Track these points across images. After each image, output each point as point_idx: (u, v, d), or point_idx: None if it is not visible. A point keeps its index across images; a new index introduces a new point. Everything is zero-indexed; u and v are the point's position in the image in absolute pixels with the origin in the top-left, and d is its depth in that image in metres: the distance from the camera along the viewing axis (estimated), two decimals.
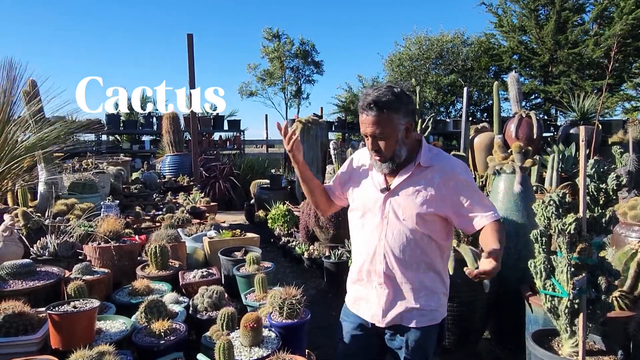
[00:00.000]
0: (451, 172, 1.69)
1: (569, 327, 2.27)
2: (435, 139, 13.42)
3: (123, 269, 2.51)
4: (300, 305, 1.72)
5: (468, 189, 1.68)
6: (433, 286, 1.74)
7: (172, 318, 1.82)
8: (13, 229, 2.65)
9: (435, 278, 1.75)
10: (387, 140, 1.65)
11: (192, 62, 7.32)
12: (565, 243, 2.19)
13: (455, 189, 1.68)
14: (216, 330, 1.72)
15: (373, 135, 1.65)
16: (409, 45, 17.02)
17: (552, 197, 2.26)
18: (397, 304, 1.73)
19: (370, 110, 1.62)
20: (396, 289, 1.73)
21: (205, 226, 3.53)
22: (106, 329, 1.75)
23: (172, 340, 1.60)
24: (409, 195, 1.69)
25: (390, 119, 1.63)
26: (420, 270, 1.72)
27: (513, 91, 7.96)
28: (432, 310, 1.73)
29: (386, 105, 1.62)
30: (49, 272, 2.03)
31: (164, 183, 7.11)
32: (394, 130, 1.65)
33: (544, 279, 2.31)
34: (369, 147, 1.69)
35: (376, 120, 1.62)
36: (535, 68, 14.52)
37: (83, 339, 1.57)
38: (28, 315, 1.63)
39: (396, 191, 1.72)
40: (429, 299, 1.73)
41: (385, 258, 1.72)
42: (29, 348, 1.56)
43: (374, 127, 1.63)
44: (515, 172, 3.42)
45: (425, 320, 1.73)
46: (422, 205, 1.67)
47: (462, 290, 3.00)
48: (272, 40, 20.47)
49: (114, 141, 13.67)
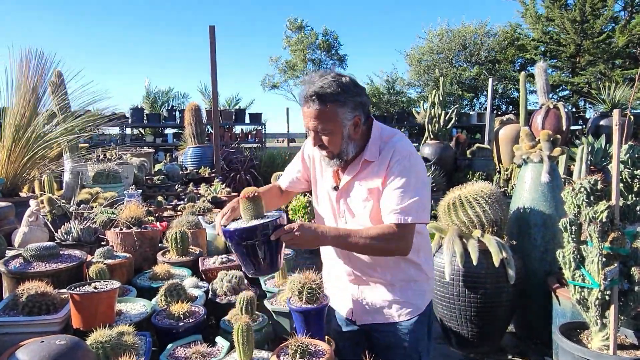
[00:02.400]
0: (389, 157, 1.54)
1: (599, 320, 2.19)
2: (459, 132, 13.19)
3: (144, 255, 2.53)
4: (320, 289, 1.68)
5: (397, 174, 1.50)
6: (407, 276, 1.64)
7: (191, 302, 1.82)
8: (39, 214, 2.70)
9: (408, 266, 1.64)
10: (331, 136, 1.51)
11: (214, 55, 7.33)
12: (596, 232, 2.10)
13: (387, 173, 1.53)
14: (235, 314, 1.70)
15: (315, 130, 1.51)
16: (431, 37, 16.76)
17: (582, 184, 2.17)
18: (373, 299, 1.66)
19: (312, 103, 1.47)
20: (368, 286, 1.66)
21: None
22: (127, 310, 1.75)
23: (190, 322, 1.59)
24: (358, 194, 1.59)
25: (334, 113, 1.48)
26: (389, 263, 1.62)
27: (540, 82, 7.74)
28: (410, 301, 1.64)
29: (330, 98, 1.46)
30: (72, 255, 2.05)
31: (186, 174, 7.18)
32: (339, 126, 1.50)
33: (574, 269, 2.23)
34: (312, 143, 1.56)
35: (318, 114, 1.48)
36: (561, 59, 14.12)
37: (104, 319, 1.57)
38: (50, 295, 1.65)
39: (345, 191, 1.63)
40: (405, 290, 1.64)
41: (349, 259, 1.65)
42: (51, 328, 1.57)
43: (315, 122, 1.49)
44: (542, 161, 3.31)
45: (408, 312, 1.64)
46: (372, 203, 1.56)
47: (486, 282, 2.93)
48: (296, 31, 20.39)
49: (138, 134, 13.91)
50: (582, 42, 13.12)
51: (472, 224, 3.07)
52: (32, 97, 3.72)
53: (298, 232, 1.43)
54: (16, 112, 3.58)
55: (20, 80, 3.60)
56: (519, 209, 3.37)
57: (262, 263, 1.50)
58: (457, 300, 2.98)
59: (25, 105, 3.62)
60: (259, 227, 1.44)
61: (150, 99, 14.85)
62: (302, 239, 1.44)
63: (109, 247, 2.30)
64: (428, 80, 16.32)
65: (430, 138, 8.39)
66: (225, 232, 1.52)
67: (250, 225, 1.47)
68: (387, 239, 1.49)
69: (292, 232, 1.43)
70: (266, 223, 1.45)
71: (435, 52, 16.52)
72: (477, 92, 17.02)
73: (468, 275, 2.95)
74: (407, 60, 17.46)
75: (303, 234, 1.44)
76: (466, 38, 16.05)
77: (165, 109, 13.68)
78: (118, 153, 5.71)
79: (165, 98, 15.38)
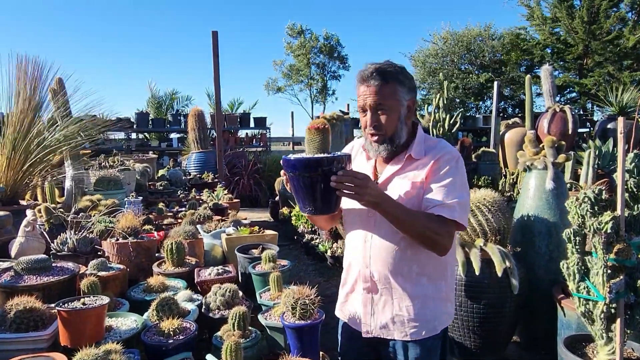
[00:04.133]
0: (438, 156, 1.51)
1: (605, 333, 2.12)
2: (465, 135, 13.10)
3: (140, 265, 2.49)
4: (314, 305, 1.64)
5: (446, 172, 1.48)
6: (428, 293, 1.55)
7: (184, 316, 1.78)
8: (35, 224, 2.68)
9: (431, 282, 1.56)
10: (389, 114, 1.49)
11: (217, 60, 7.34)
12: (601, 243, 2.03)
13: (433, 169, 1.50)
14: (227, 330, 1.66)
15: (374, 107, 1.48)
16: (435, 40, 16.71)
17: (586, 194, 2.11)
18: (384, 312, 1.57)
19: (373, 80, 1.46)
20: (383, 296, 1.57)
21: (226, 223, 3.50)
22: (117, 326, 1.72)
23: (180, 339, 1.55)
24: (397, 191, 1.52)
25: (395, 90, 1.48)
26: (412, 275, 1.54)
27: (546, 85, 7.62)
28: (428, 320, 1.55)
29: (391, 76, 1.47)
30: (64, 268, 2.02)
31: (189, 180, 7.17)
32: (398, 105, 1.49)
33: (578, 281, 2.17)
34: (368, 122, 1.51)
35: (379, 90, 1.46)
36: (568, 61, 13.99)
37: (92, 336, 1.53)
38: (39, 311, 1.62)
39: (384, 186, 1.56)
40: (423, 308, 1.54)
41: (371, 261, 1.57)
42: (38, 345, 1.54)
43: (376, 97, 1.47)
44: (547, 168, 3.25)
45: (421, 331, 1.54)
46: (411, 202, 1.49)
47: (489, 292, 2.87)
48: (296, 36, 20.42)
49: (143, 139, 13.95)
50: (590, 43, 12.98)
51: (475, 233, 3.01)
52: (31, 104, 3.71)
53: (365, 180, 1.36)
54: (16, 119, 3.58)
55: (19, 87, 3.60)
56: (523, 216, 3.30)
57: (318, 201, 1.40)
58: (459, 310, 2.92)
59: (25, 112, 3.61)
60: (324, 161, 1.35)
61: (154, 102, 14.89)
62: (366, 188, 1.35)
63: (103, 258, 2.27)
64: (433, 83, 16.26)
65: None
66: (285, 162, 1.41)
67: (315, 157, 1.38)
68: (436, 227, 1.43)
69: (358, 178, 1.35)
70: (332, 157, 1.37)
71: (440, 55, 16.45)
72: (483, 96, 16.92)
73: (470, 285, 2.89)
74: (412, 62, 17.41)
75: (369, 184, 1.37)
76: (471, 41, 15.97)
77: (170, 114, 13.73)
78: (120, 159, 5.71)
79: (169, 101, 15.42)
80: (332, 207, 1.43)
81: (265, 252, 2.33)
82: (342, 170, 1.34)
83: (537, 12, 14.21)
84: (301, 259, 5.81)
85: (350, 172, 1.37)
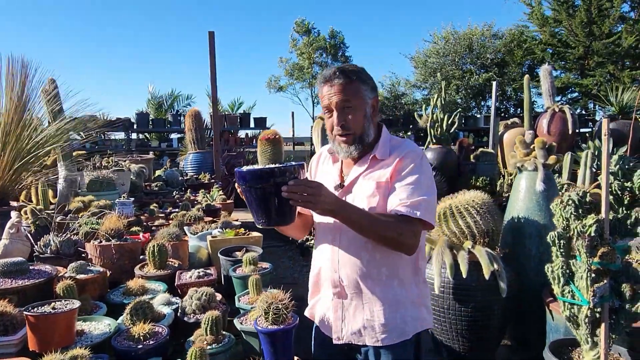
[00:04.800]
0: (402, 155, 1.50)
1: (590, 338, 2.09)
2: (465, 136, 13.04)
3: (123, 268, 2.48)
4: (287, 310, 1.61)
5: (409, 171, 1.46)
6: (399, 297, 1.53)
7: (158, 320, 1.76)
8: (19, 226, 2.67)
9: (401, 286, 1.54)
10: (355, 113, 1.48)
11: (214, 60, 7.32)
12: (584, 247, 2.00)
13: (397, 168, 1.48)
14: (200, 335, 1.64)
15: (340, 105, 1.47)
16: (436, 40, 16.65)
17: (570, 196, 2.08)
18: (355, 318, 1.55)
19: (337, 79, 1.46)
20: (353, 301, 1.55)
21: (216, 224, 3.48)
22: (89, 330, 1.70)
23: (150, 344, 1.53)
24: (362, 192, 1.50)
25: (358, 89, 1.48)
26: (381, 279, 1.52)
27: (545, 85, 7.61)
28: (398, 326, 1.52)
29: (354, 74, 1.48)
30: (41, 271, 2.00)
31: (186, 180, 7.16)
32: (363, 103, 1.49)
33: (563, 285, 2.14)
34: (335, 122, 1.50)
35: (343, 89, 1.46)
36: (569, 61, 13.89)
37: (61, 341, 1.52)
38: (10, 315, 1.60)
39: (350, 188, 1.54)
40: (394, 312, 1.52)
41: (340, 265, 1.54)
42: (7, 349, 1.52)
43: (341, 96, 1.46)
44: (537, 169, 3.22)
45: (392, 336, 1.52)
46: (378, 199, 1.47)
47: (477, 295, 2.84)
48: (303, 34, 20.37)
49: (144, 139, 13.97)
50: (591, 44, 12.89)
51: (463, 235, 2.98)
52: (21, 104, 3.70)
53: (318, 188, 1.33)
54: (4, 119, 3.56)
55: (7, 86, 3.58)
56: (513, 218, 3.27)
57: (272, 213, 1.36)
58: (447, 313, 2.89)
59: (13, 111, 3.60)
60: (276, 171, 1.32)
61: (155, 103, 14.91)
62: (319, 196, 1.32)
63: (83, 261, 2.25)
64: (434, 83, 16.22)
65: (433, 143, 8.28)
66: (237, 173, 1.39)
67: (266, 167, 1.35)
68: (398, 228, 1.41)
69: (311, 187, 1.32)
70: (284, 168, 1.34)
71: (441, 54, 16.39)
72: (484, 95, 16.85)
73: (458, 288, 2.86)
74: (413, 62, 17.36)
75: (323, 192, 1.34)
76: (472, 40, 15.90)
77: (170, 114, 13.73)
78: (115, 160, 5.70)
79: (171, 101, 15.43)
80: (287, 219, 1.40)
81: (246, 254, 2.31)
82: (293, 180, 1.31)
83: (537, 13, 14.12)
84: (296, 259, 5.80)
85: (303, 181, 1.34)
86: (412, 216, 1.41)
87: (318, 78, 1.54)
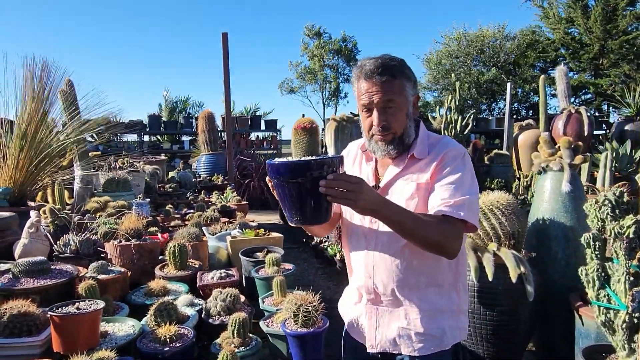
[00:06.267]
0: (443, 153, 1.40)
1: (627, 344, 2.01)
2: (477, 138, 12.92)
3: (143, 268, 2.44)
4: (317, 312, 1.56)
5: (451, 169, 1.37)
6: (437, 305, 1.43)
7: (182, 322, 1.71)
8: (39, 226, 2.65)
9: (440, 294, 1.44)
10: (398, 112, 1.38)
11: (227, 61, 7.31)
12: (622, 249, 1.92)
13: (438, 168, 1.39)
14: (226, 338, 1.59)
15: (382, 106, 1.37)
16: (447, 42, 16.56)
17: (607, 196, 2.00)
18: (390, 326, 1.46)
19: (379, 76, 1.34)
20: (389, 309, 1.46)
21: (233, 225, 3.45)
22: (113, 332, 1.66)
23: (177, 347, 1.48)
24: (401, 194, 1.40)
25: (402, 86, 1.37)
26: (419, 286, 1.42)
27: (561, 85, 7.50)
28: (438, 335, 1.43)
29: (397, 70, 1.37)
30: (63, 271, 1.97)
31: (199, 182, 7.15)
32: (405, 101, 1.39)
33: (598, 288, 2.06)
34: (375, 122, 1.38)
35: (386, 88, 1.35)
36: (583, 61, 13.70)
37: (86, 342, 1.48)
38: (33, 315, 1.56)
39: (386, 189, 1.44)
40: (431, 321, 1.42)
41: (374, 272, 1.45)
42: (31, 350, 1.48)
43: (383, 96, 1.35)
44: (563, 169, 3.13)
45: (429, 346, 1.42)
46: (417, 202, 1.37)
47: (503, 298, 2.76)
48: (314, 37, 20.42)
49: (156, 141, 14.03)
50: (607, 42, 12.70)
51: (488, 237, 2.90)
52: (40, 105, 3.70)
53: (359, 184, 1.20)
54: (23, 120, 3.57)
55: (27, 88, 3.59)
56: (538, 220, 3.19)
57: (307, 210, 1.24)
58: (471, 317, 2.81)
59: (32, 113, 3.60)
60: (313, 164, 1.19)
61: (168, 107, 14.98)
62: (360, 193, 1.19)
63: (103, 261, 2.22)
64: (446, 85, 16.11)
65: None
66: (269, 166, 1.25)
67: (302, 160, 1.21)
68: (442, 229, 1.30)
69: (351, 182, 1.19)
70: (321, 160, 1.20)
71: (454, 56, 16.29)
72: (495, 97, 16.70)
73: (483, 291, 2.78)
74: (425, 64, 17.28)
75: (364, 188, 1.20)
76: (484, 42, 15.79)
77: (182, 116, 13.77)
78: (130, 161, 5.70)
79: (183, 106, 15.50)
80: (322, 217, 1.27)
81: (269, 255, 2.26)
82: (332, 174, 1.19)
83: (551, 12, 13.96)
84: (310, 262, 5.74)
85: (342, 175, 1.21)
86: (455, 217, 1.32)
87: (354, 70, 1.43)
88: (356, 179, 1.22)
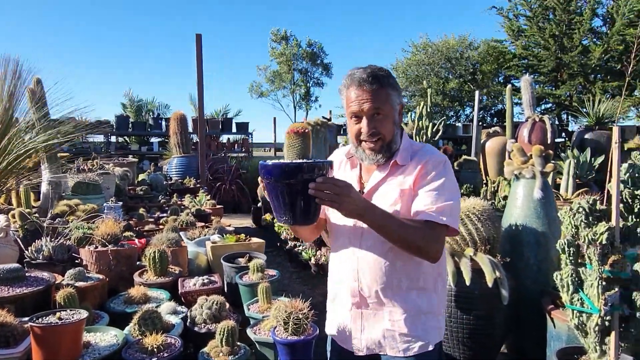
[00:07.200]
0: (424, 160, 1.47)
1: (599, 346, 2.09)
2: (445, 144, 13.21)
3: (121, 275, 2.37)
4: (307, 320, 1.56)
5: (433, 176, 1.44)
6: (419, 306, 1.49)
7: (167, 331, 1.68)
8: (8, 230, 2.53)
9: (422, 296, 1.50)
10: (385, 120, 1.45)
11: (201, 63, 7.21)
12: (596, 254, 2.01)
13: (420, 174, 1.45)
14: (215, 346, 1.57)
15: (372, 113, 1.43)
16: (416, 50, 16.93)
17: (580, 204, 2.09)
18: (376, 328, 1.50)
19: (369, 84, 1.41)
20: (374, 311, 1.50)
21: (209, 230, 3.40)
22: (96, 342, 1.60)
23: (165, 357, 1.45)
24: (385, 199, 1.46)
25: (389, 95, 1.44)
26: (401, 288, 1.47)
27: (526, 95, 7.77)
28: (420, 336, 1.49)
29: (386, 81, 1.44)
30: (39, 278, 1.89)
31: (171, 185, 7.00)
32: (392, 110, 1.46)
33: (572, 293, 2.14)
34: (365, 129, 1.44)
35: (376, 96, 1.42)
36: (543, 74, 14.27)
37: (68, 354, 1.43)
38: (10, 326, 1.49)
39: (370, 194, 1.50)
40: (415, 322, 1.48)
41: (360, 275, 1.49)
42: None
43: (372, 104, 1.42)
44: (535, 177, 3.24)
45: (414, 347, 1.47)
46: (401, 206, 1.44)
47: (479, 303, 2.83)
48: (280, 42, 20.44)
49: (123, 142, 13.64)
50: (562, 57, 13.25)
51: (465, 242, 2.97)
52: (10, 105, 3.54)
53: (346, 188, 1.28)
54: None
55: None
56: (511, 226, 3.29)
57: (297, 211, 1.30)
58: (448, 321, 2.86)
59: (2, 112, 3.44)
60: (304, 167, 1.26)
61: (133, 107, 14.60)
62: (347, 197, 1.27)
63: (80, 267, 2.15)
64: (415, 92, 16.42)
65: None
66: (262, 167, 1.32)
67: (294, 162, 1.28)
68: (425, 234, 1.37)
69: (339, 186, 1.27)
70: (313, 164, 1.28)
71: (422, 64, 16.64)
72: (462, 104, 17.14)
73: (460, 296, 2.84)
74: (394, 72, 17.56)
75: (351, 192, 1.29)
76: (449, 51, 16.24)
77: (151, 117, 13.46)
78: (100, 163, 5.53)
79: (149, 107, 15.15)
80: (310, 218, 1.33)
81: (253, 261, 2.24)
82: (321, 177, 1.26)
83: (511, 25, 14.43)
84: (284, 266, 5.71)
85: (331, 179, 1.29)
86: (438, 222, 1.38)
87: (345, 78, 1.48)
88: (344, 182, 1.29)
